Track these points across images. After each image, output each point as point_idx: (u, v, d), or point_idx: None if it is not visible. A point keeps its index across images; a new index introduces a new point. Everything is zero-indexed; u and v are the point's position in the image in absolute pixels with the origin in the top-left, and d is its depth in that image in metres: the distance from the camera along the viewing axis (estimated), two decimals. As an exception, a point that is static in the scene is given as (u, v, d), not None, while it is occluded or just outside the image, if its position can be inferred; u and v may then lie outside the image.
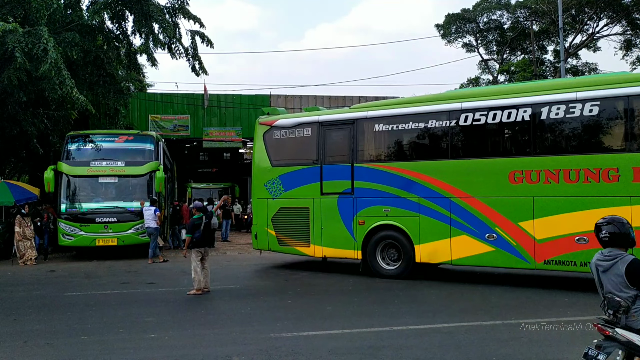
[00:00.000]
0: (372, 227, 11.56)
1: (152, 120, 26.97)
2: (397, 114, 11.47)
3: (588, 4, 30.78)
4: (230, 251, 17.64)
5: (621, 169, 9.09)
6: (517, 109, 10.11)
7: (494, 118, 10.37)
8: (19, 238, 14.63)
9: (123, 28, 20.22)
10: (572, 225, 9.48)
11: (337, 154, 12.15)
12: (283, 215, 12.76)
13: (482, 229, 10.36)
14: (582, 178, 9.42)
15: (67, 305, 9.14)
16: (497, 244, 10.20)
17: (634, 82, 9.31)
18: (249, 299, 9.56)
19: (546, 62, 35.02)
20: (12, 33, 14.08)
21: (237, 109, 27.55)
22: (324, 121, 12.35)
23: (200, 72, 20.60)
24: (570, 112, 9.63)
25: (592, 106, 9.46)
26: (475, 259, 10.54)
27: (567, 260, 9.57)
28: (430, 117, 11.06)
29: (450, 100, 11.04)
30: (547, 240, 9.73)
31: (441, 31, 36.42)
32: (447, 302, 9.21)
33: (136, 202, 15.71)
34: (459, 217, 10.62)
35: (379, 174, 11.52)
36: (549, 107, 9.82)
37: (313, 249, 12.39)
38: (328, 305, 8.93)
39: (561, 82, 10.76)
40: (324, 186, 12.16)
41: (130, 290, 10.59)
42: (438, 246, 10.88)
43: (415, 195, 11.09)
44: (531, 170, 9.87)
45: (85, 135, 17.06)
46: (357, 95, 28.16)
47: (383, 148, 11.91)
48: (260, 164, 13.33)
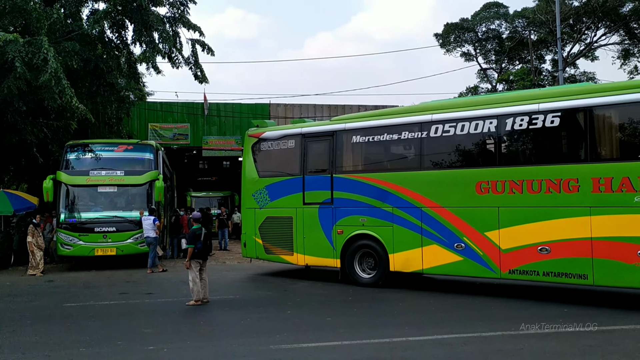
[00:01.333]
0: (350, 237, 11.88)
1: (151, 129, 27.04)
2: (373, 126, 11.80)
3: (586, 14, 30.95)
4: (230, 260, 17.60)
5: (581, 180, 9.20)
6: (484, 120, 10.31)
7: (462, 129, 10.57)
8: (31, 248, 14.46)
9: (123, 37, 20.31)
10: (534, 235, 9.65)
11: (318, 165, 12.52)
12: (269, 224, 13.17)
13: (451, 239, 10.56)
14: (544, 188, 9.55)
15: (65, 316, 9.10)
16: (465, 254, 10.40)
17: (593, 93, 9.45)
18: (248, 309, 9.52)
19: (544, 71, 35.18)
20: (12, 43, 14.14)
21: (237, 118, 27.61)
22: (305, 133, 12.75)
23: (203, 80, 20.67)
24: (533, 124, 9.78)
25: (553, 117, 9.59)
26: (445, 268, 10.75)
27: (531, 270, 9.72)
28: (403, 129, 11.36)
29: (423, 112, 11.28)
30: (511, 250, 9.89)
31: (440, 40, 36.59)
32: (446, 312, 9.18)
33: (135, 212, 15.68)
34: (430, 227, 10.85)
35: (356, 184, 11.82)
36: (513, 118, 10.00)
37: (296, 257, 12.74)
38: (328, 316, 8.90)
39: (526, 93, 10.85)
40: (306, 196, 12.53)
41: (129, 301, 10.54)
42: (410, 255, 11.12)
43: (389, 206, 11.35)
44: (496, 180, 10.05)
45: (85, 145, 17.04)
46: (357, 104, 28.27)
47: (360, 159, 12.23)
48: (248, 174, 13.76)
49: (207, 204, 28.33)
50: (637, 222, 8.66)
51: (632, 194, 8.71)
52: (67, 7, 18.26)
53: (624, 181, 8.78)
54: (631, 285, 8.98)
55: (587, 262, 9.12)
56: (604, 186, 8.96)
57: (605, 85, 10.60)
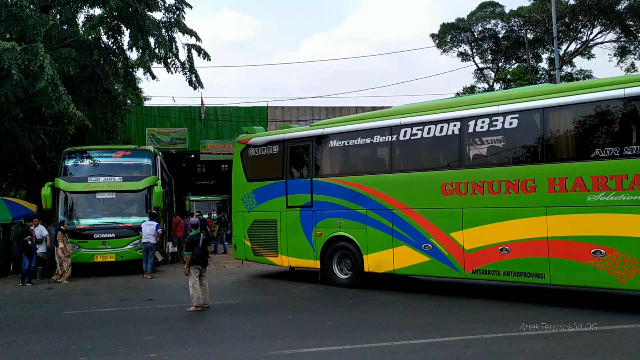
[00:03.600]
0: (328, 238, 12.27)
1: (149, 133, 27.01)
2: (348, 131, 12.13)
3: (582, 12, 30.98)
4: (229, 265, 17.58)
5: (537, 180, 9.36)
6: (448, 123, 10.52)
7: (429, 132, 10.81)
8: (61, 255, 14.36)
9: (119, 43, 20.30)
10: (495, 235, 9.84)
11: (299, 169, 13.00)
12: (256, 227, 13.66)
13: (419, 240, 10.84)
14: (504, 189, 9.74)
15: (65, 324, 9.08)
16: (432, 254, 10.66)
17: (548, 94, 9.59)
18: (249, 314, 9.50)
19: (541, 70, 35.19)
20: (8, 50, 14.11)
21: (235, 122, 27.60)
22: (287, 139, 13.19)
23: (197, 85, 20.67)
24: (493, 125, 9.97)
25: (512, 119, 9.77)
26: (414, 268, 11.05)
27: (492, 270, 9.93)
28: (375, 133, 11.63)
29: (393, 116, 11.54)
30: (474, 250, 10.10)
31: (436, 41, 36.59)
32: (447, 314, 9.17)
33: (134, 218, 15.65)
34: (400, 228, 11.13)
35: (333, 187, 12.19)
36: (475, 120, 10.19)
37: (281, 259, 13.21)
38: (328, 320, 8.89)
39: (488, 96, 11.03)
40: (289, 200, 12.96)
41: (129, 308, 10.52)
42: (382, 256, 11.42)
43: (363, 208, 11.66)
44: (460, 182, 10.26)
45: (83, 151, 17.02)
46: (354, 106, 28.26)
47: (337, 163, 12.62)
48: (237, 179, 14.26)
49: (206, 208, 28.39)
50: (591, 221, 8.81)
51: (585, 193, 8.85)
52: (63, 14, 18.24)
53: (577, 181, 8.94)
54: (586, 284, 9.16)
55: (544, 261, 9.32)
56: (558, 186, 9.13)
57: (561, 86, 10.75)
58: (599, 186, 8.68)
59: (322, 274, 12.44)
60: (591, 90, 9.07)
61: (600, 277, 8.70)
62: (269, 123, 27.84)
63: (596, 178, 8.73)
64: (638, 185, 8.32)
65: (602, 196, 8.67)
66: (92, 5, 19.13)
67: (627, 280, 8.45)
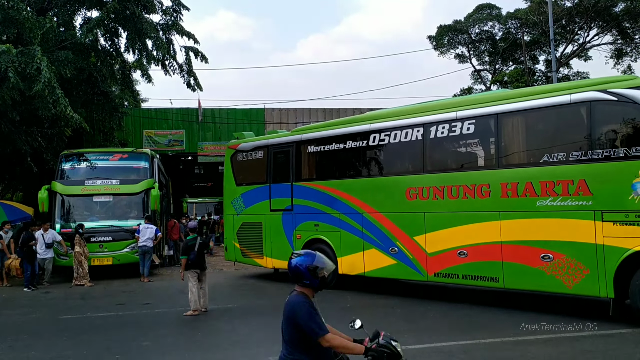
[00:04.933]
0: (307, 241, 12.54)
1: (146, 135, 26.99)
2: (324, 136, 12.41)
3: (578, 14, 31.04)
4: (227, 268, 17.54)
5: (491, 185, 9.45)
6: (412, 128, 10.69)
7: (395, 138, 11.00)
8: (79, 258, 14.29)
9: (116, 45, 20.28)
10: (454, 239, 9.97)
11: (282, 174, 13.24)
12: (244, 229, 14.05)
13: (386, 243, 11.05)
14: (462, 194, 9.84)
15: (62, 329, 9.04)
16: (398, 257, 10.85)
17: (502, 100, 9.69)
18: (247, 319, 9.49)
19: (538, 72, 35.24)
20: (5, 53, 14.07)
21: (232, 124, 27.59)
22: (271, 144, 13.59)
23: (196, 88, 20.66)
24: (453, 131, 10.09)
25: (469, 125, 9.89)
26: (382, 271, 11.23)
27: (452, 273, 10.08)
28: (347, 138, 11.87)
29: (365, 121, 11.77)
30: (436, 253, 10.26)
31: (434, 42, 36.62)
32: (444, 319, 9.16)
33: (132, 221, 15.60)
34: (369, 231, 11.36)
35: (311, 192, 12.50)
36: (436, 126, 10.33)
37: (266, 261, 13.61)
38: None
39: (449, 101, 11.17)
40: (272, 203, 13.34)
41: (126, 312, 10.49)
42: (354, 259, 11.69)
43: (337, 212, 11.95)
44: (422, 187, 10.42)
45: (80, 154, 16.96)
46: (352, 108, 28.29)
47: (314, 168, 12.92)
48: (228, 183, 14.71)
49: (204, 210, 28.30)
50: (540, 226, 8.88)
51: (534, 198, 8.93)
52: (60, 16, 18.24)
53: (527, 186, 9.01)
54: (536, 289, 9.25)
55: (498, 265, 9.44)
56: (510, 191, 9.21)
57: (516, 91, 10.82)
58: (547, 191, 8.78)
59: None
60: (542, 96, 9.18)
61: (549, 281, 8.83)
62: (266, 125, 27.84)
63: (545, 183, 8.82)
64: (583, 190, 8.40)
65: (550, 201, 8.76)
66: (89, 7, 19.13)
67: (574, 285, 8.57)
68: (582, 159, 8.47)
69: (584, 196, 8.37)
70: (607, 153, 8.22)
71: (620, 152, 8.11)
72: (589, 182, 8.33)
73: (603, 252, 8.17)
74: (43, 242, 14.26)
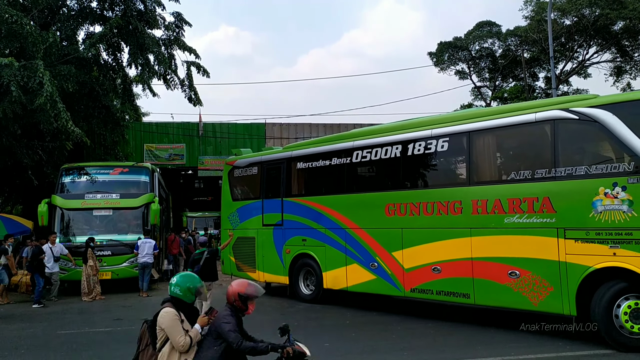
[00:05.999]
0: (295, 256, 12.84)
1: (147, 149, 27.07)
2: (311, 153, 12.71)
3: (578, 32, 31.25)
4: (226, 282, 17.44)
5: (463, 202, 9.57)
6: (392, 146, 10.92)
7: (376, 155, 11.22)
8: (93, 272, 14.19)
9: (118, 60, 20.42)
10: (429, 255, 10.12)
11: (273, 190, 13.53)
12: (239, 244, 14.22)
13: (367, 258, 11.25)
14: (436, 211, 9.99)
15: (59, 344, 8.98)
16: (378, 272, 11.02)
17: (475, 118, 9.83)
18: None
19: (538, 89, 35.40)
20: (7, 67, 14.15)
21: (233, 139, 27.67)
22: (263, 161, 13.97)
23: (196, 103, 20.77)
24: (428, 149, 10.30)
25: (443, 142, 10.09)
26: (363, 286, 11.39)
27: (427, 289, 10.20)
28: (333, 155, 12.16)
29: (350, 138, 12.04)
30: (412, 269, 10.40)
31: (434, 59, 36.84)
32: (445, 336, 9.08)
33: (131, 235, 15.56)
34: (352, 247, 11.58)
35: (299, 207, 12.75)
36: (413, 144, 10.55)
37: (258, 275, 13.81)
38: (325, 342, 8.80)
39: (426, 119, 11.31)
40: (264, 218, 13.64)
41: (124, 327, 10.42)
42: (338, 273, 11.90)
43: (323, 227, 12.19)
44: (400, 203, 10.59)
45: (80, 168, 16.96)
46: (352, 123, 28.39)
47: (302, 184, 13.17)
48: (225, 199, 15.05)
49: (204, 224, 28.30)
50: (507, 243, 8.97)
51: (502, 215, 9.03)
52: (63, 31, 18.37)
53: (496, 203, 9.12)
54: (504, 305, 9.27)
55: (469, 281, 9.53)
56: (481, 208, 9.32)
57: (486, 110, 10.96)
58: (514, 208, 8.88)
59: (290, 290, 13.08)
60: (510, 115, 9.31)
61: (516, 298, 8.88)
62: (267, 140, 27.93)
63: (512, 200, 8.93)
64: (547, 208, 8.50)
65: (517, 218, 8.86)
66: (92, 22, 19.28)
67: (539, 302, 8.61)
68: (547, 176, 8.59)
69: (548, 214, 8.49)
70: (569, 171, 8.34)
71: (581, 170, 8.23)
72: (552, 199, 8.45)
73: (566, 270, 8.26)
74: (52, 255, 14.04)
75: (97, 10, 19.27)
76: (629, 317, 7.57)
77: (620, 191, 7.70)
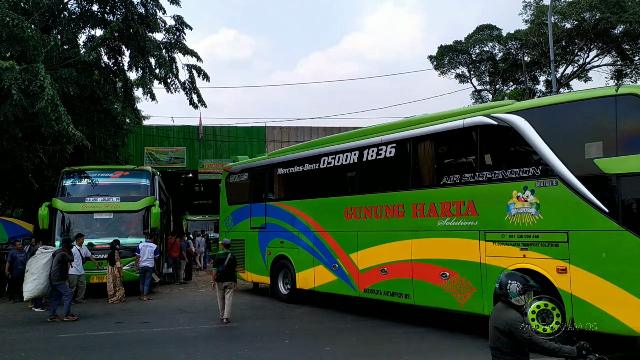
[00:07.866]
0: (275, 257, 13.52)
1: (147, 152, 27.08)
2: (289, 159, 13.33)
3: (578, 36, 31.25)
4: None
5: (405, 206, 10.00)
6: (351, 152, 11.40)
7: (338, 161, 11.74)
8: (117, 274, 14.21)
9: (119, 63, 20.42)
10: (378, 257, 10.58)
11: (259, 194, 14.24)
12: (232, 245, 14.61)
13: (330, 260, 11.81)
14: (384, 214, 10.44)
15: (60, 348, 8.96)
16: (338, 274, 11.57)
17: (419, 124, 10.16)
18: (246, 339, 9.40)
19: (538, 92, 35.39)
20: (8, 70, 14.15)
21: (233, 142, 27.68)
22: (252, 167, 14.70)
23: (199, 104, 20.76)
24: (379, 154, 10.72)
25: (391, 148, 10.51)
26: (327, 286, 11.95)
27: (377, 290, 10.65)
28: (305, 161, 12.76)
29: (320, 145, 12.61)
30: (365, 270, 10.89)
31: (434, 62, 36.85)
32: (447, 339, 9.06)
33: (132, 238, 15.54)
34: (318, 249, 12.16)
35: (279, 211, 13.40)
36: (367, 150, 10.98)
37: (247, 275, 14.68)
38: (326, 345, 8.80)
39: (381, 126, 11.61)
40: (252, 221, 14.34)
41: (124, 331, 10.39)
42: (307, 274, 12.50)
43: (296, 230, 12.81)
44: (356, 207, 11.08)
45: (81, 171, 16.94)
46: (352, 126, 28.33)
47: (282, 189, 13.81)
48: (222, 203, 15.83)
49: (204, 228, 28.23)
50: (440, 245, 9.35)
51: (436, 218, 9.42)
52: (64, 34, 18.38)
53: (431, 207, 9.52)
54: (437, 306, 9.59)
55: (409, 282, 9.94)
56: (419, 211, 9.73)
57: (428, 115, 11.04)
58: (445, 212, 9.25)
59: (271, 289, 13.86)
60: (444, 121, 9.62)
61: (446, 298, 9.19)
62: (267, 144, 27.94)
63: (444, 204, 9.28)
64: (471, 211, 8.80)
65: (447, 221, 9.21)
66: (93, 26, 19.29)
67: (465, 303, 8.90)
68: (471, 180, 8.92)
69: (472, 217, 8.81)
70: (489, 175, 8.66)
71: (499, 174, 8.52)
72: (476, 203, 8.77)
73: (486, 271, 8.56)
74: (80, 257, 13.70)
75: (98, 13, 19.27)
76: (535, 316, 7.79)
77: (529, 195, 8.01)
